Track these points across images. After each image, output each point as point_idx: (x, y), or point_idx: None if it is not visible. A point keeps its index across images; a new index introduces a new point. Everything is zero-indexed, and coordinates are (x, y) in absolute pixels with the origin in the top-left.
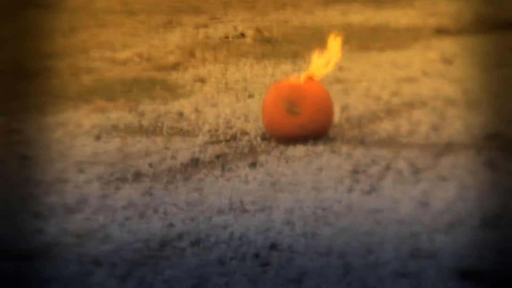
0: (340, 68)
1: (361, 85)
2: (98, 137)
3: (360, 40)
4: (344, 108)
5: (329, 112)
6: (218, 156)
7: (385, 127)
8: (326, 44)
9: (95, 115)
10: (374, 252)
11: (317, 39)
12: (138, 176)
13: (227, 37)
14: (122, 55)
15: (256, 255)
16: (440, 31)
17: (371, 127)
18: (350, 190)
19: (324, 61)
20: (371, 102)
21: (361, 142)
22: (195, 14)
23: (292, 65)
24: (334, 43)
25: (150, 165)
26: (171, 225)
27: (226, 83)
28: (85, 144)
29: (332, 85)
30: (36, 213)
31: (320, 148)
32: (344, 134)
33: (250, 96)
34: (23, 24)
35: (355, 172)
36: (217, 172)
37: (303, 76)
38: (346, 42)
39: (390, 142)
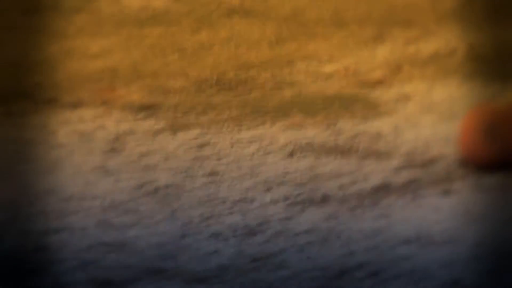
0: None
1: None
2: (291, 155)
3: None
4: None
5: None
6: (411, 181)
7: None
8: None
9: (291, 131)
10: None
11: None
12: (325, 198)
13: (437, 52)
14: (328, 68)
15: None
16: None
17: None
18: None
19: None
20: None
21: None
22: (406, 26)
23: (502, 85)
24: None
25: (340, 187)
26: (351, 253)
27: (431, 102)
28: (277, 161)
29: None
30: (215, 233)
31: None
32: None
33: (454, 116)
34: (228, 32)
35: None
36: (408, 198)
37: (506, 100)
38: None
39: None
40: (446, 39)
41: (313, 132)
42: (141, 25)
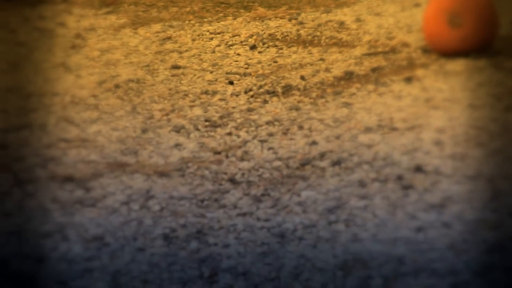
0: None
1: None
2: (253, 47)
3: None
4: None
5: (493, 24)
6: (374, 69)
7: None
8: None
9: (254, 23)
10: None
11: None
12: (288, 89)
13: None
14: None
15: (400, 177)
16: None
17: None
18: (508, 108)
19: None
20: None
21: None
22: None
23: None
24: None
25: (302, 77)
26: (314, 142)
27: None
28: (240, 53)
29: None
30: (177, 127)
31: (482, 62)
32: (511, 48)
33: (417, 5)
34: None
35: None
36: (371, 86)
37: None
38: None
39: None
40: None
41: (276, 23)
42: None
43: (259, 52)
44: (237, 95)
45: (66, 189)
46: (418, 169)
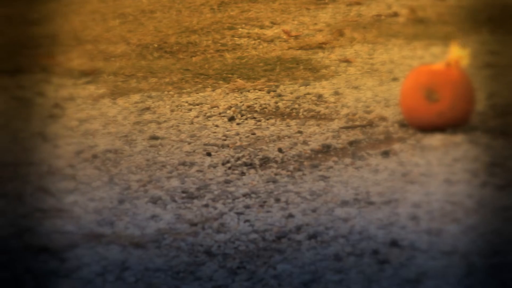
0: (491, 52)
1: None
2: (231, 119)
3: None
4: (491, 95)
5: (470, 100)
6: (351, 143)
7: None
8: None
9: (232, 94)
10: (501, 253)
11: (473, 20)
12: (265, 161)
13: (379, 16)
14: (270, 32)
15: (375, 252)
16: None
17: None
18: (484, 184)
19: (458, 55)
20: None
21: (504, 132)
22: None
23: (443, 47)
24: (460, 50)
25: (280, 150)
26: (290, 215)
27: (372, 65)
28: (218, 125)
29: (481, 70)
30: (154, 198)
31: (459, 137)
32: (487, 123)
33: (395, 79)
34: None
35: (492, 164)
36: (348, 160)
37: (445, 62)
38: (501, 24)
39: None
40: (387, 3)
41: (255, 95)
42: None
43: (237, 124)
44: (214, 167)
45: (40, 260)
46: (394, 243)
